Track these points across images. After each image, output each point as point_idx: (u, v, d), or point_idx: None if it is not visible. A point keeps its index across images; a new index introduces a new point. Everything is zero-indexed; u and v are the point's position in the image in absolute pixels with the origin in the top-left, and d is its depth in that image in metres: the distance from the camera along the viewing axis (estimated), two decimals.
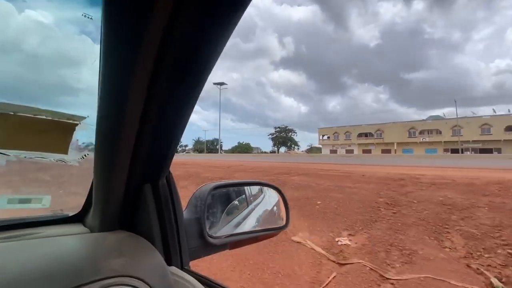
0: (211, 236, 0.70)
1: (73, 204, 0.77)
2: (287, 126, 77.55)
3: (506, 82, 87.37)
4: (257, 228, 0.82)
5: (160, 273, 0.51)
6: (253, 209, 0.86)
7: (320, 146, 62.43)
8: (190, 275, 0.58)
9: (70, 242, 0.56)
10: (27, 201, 0.72)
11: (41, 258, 0.46)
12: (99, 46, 0.40)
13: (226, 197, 0.81)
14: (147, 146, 0.53)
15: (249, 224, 0.82)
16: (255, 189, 0.91)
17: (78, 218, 0.70)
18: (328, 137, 60.06)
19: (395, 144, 48.86)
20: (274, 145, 76.29)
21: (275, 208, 0.88)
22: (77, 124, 0.52)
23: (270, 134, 76.79)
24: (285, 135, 76.08)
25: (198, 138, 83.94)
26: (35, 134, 0.50)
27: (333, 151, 55.88)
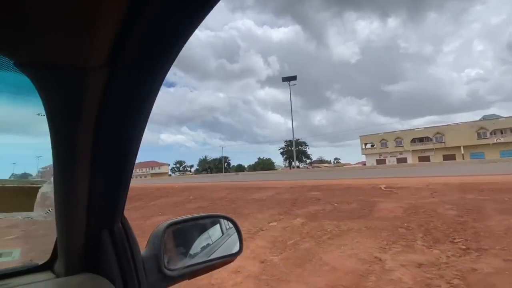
0: (169, 269, 0.79)
1: (42, 254, 0.85)
2: (298, 139, 72.01)
3: (478, 89, 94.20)
4: (213, 257, 0.92)
5: None
6: (209, 240, 0.96)
7: (363, 155, 54.97)
8: None
9: None
10: None
11: None
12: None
13: (184, 232, 0.92)
14: (100, 197, 0.65)
15: (205, 254, 0.92)
16: (210, 221, 1.02)
17: (47, 266, 0.78)
18: (373, 145, 53.56)
19: (461, 148, 41.70)
20: (285, 159, 71.95)
21: (229, 236, 0.99)
22: (39, 187, 0.63)
23: (281, 148, 72.60)
24: (297, 148, 70.25)
25: (205, 157, 79.22)
26: (3, 199, 0.61)
27: (381, 161, 49.06)
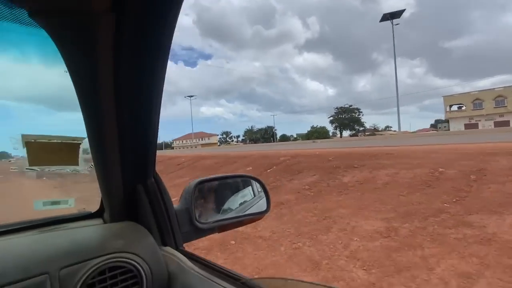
0: (200, 222, 0.85)
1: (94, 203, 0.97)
2: (351, 105, 65.40)
3: None
4: (242, 213, 0.96)
5: (151, 249, 0.67)
6: (238, 198, 1.00)
7: (446, 119, 46.37)
8: (181, 254, 0.75)
9: (86, 231, 0.75)
10: (57, 203, 0.92)
11: (64, 242, 0.64)
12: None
13: (214, 189, 0.96)
14: (130, 155, 0.70)
15: (235, 211, 0.96)
16: (239, 180, 1.05)
17: (97, 214, 0.89)
18: (461, 107, 44.40)
19: None
20: (335, 128, 66.30)
21: (257, 195, 1.02)
22: (80, 143, 0.69)
23: (331, 116, 66.25)
24: (349, 116, 64.66)
25: (251, 127, 77.80)
26: (51, 154, 0.68)
27: (471, 126, 39.96)
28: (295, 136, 73.55)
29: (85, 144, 0.70)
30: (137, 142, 0.70)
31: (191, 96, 59.80)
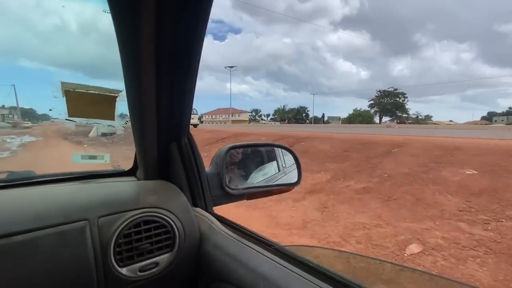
0: (229, 188, 0.84)
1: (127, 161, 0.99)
2: (396, 89, 59.46)
3: None
4: (272, 183, 0.93)
5: (183, 208, 0.67)
6: (269, 167, 0.97)
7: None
8: (211, 215, 0.74)
9: (121, 186, 0.76)
10: (94, 157, 0.95)
11: (102, 194, 0.65)
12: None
13: (246, 156, 0.94)
14: (167, 114, 0.68)
15: (265, 180, 0.94)
16: (270, 149, 1.01)
17: (131, 172, 0.91)
18: None
19: None
20: (375, 113, 61.44)
21: (288, 166, 0.98)
22: (116, 96, 0.68)
23: (371, 99, 61.35)
24: (392, 100, 59.31)
25: (283, 107, 74.50)
26: (89, 106, 0.67)
27: None
28: (326, 118, 69.77)
29: (121, 98, 0.69)
30: (174, 101, 0.68)
31: (232, 66, 56.43)
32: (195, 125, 21.26)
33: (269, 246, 0.57)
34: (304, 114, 68.89)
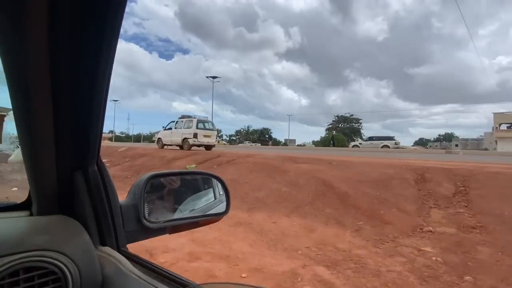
0: (148, 221, 0.75)
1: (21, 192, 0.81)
2: (352, 115, 61.47)
3: (509, 79, 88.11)
4: (198, 214, 0.88)
5: (83, 248, 0.56)
6: (195, 197, 0.92)
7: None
8: (123, 255, 0.64)
9: (3, 223, 0.61)
10: None
11: None
12: None
13: (168, 186, 0.87)
14: (69, 136, 0.58)
15: (190, 211, 0.88)
16: (198, 178, 0.97)
17: (24, 206, 0.74)
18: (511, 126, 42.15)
19: None
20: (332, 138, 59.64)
21: (216, 195, 0.95)
22: (4, 115, 0.56)
23: (329, 124, 62.07)
24: (349, 125, 60.67)
25: (248, 128, 70.09)
26: None
27: None
28: (283, 141, 68.58)
29: (10, 118, 0.57)
30: (78, 121, 0.57)
31: (214, 77, 44.93)
32: (209, 147, 14.83)
33: (183, 286, 0.51)
34: (267, 136, 68.66)
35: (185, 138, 14.58)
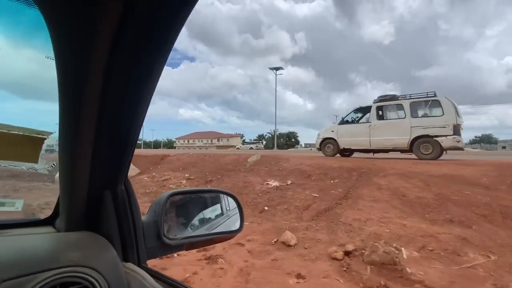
0: (167, 238, 0.79)
1: (46, 208, 0.85)
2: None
3: None
4: (213, 231, 0.91)
5: (112, 265, 0.60)
6: (210, 215, 0.95)
7: None
8: (145, 271, 0.68)
9: (35, 239, 0.65)
10: (1, 204, 0.80)
11: (8, 250, 0.55)
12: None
13: (186, 203, 0.91)
14: (104, 156, 0.63)
15: (205, 228, 0.91)
16: (213, 196, 1.01)
17: (49, 221, 0.79)
18: None
19: None
20: None
21: (230, 213, 0.98)
22: (45, 138, 0.62)
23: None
24: None
25: (273, 131, 63.98)
26: (8, 146, 0.60)
27: None
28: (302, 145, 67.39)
29: (49, 141, 0.63)
30: (115, 144, 0.62)
31: (277, 68, 41.36)
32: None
33: None
34: (293, 140, 66.76)
35: (425, 137, 7.82)
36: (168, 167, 10.58)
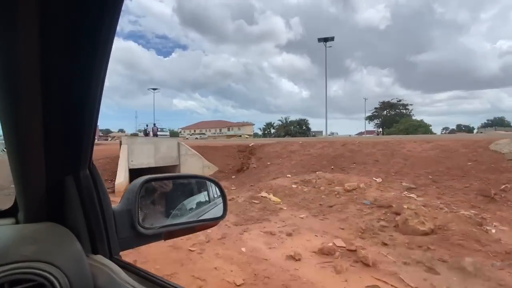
0: (143, 227, 0.72)
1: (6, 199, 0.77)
2: (399, 100, 55.43)
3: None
4: (194, 219, 0.86)
5: (75, 258, 0.53)
6: (191, 201, 0.89)
7: None
8: (116, 264, 0.61)
9: None
10: None
11: None
12: None
13: (164, 190, 0.84)
14: (59, 140, 0.55)
15: (189, 216, 0.85)
16: (193, 181, 0.94)
17: (9, 213, 0.71)
18: None
19: None
20: (375, 126, 56.54)
21: (212, 199, 0.93)
22: None
23: (373, 112, 56.26)
24: (395, 112, 54.83)
25: (285, 119, 62.09)
26: None
27: None
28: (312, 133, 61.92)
29: None
30: (70, 124, 0.54)
31: (326, 39, 38.22)
32: None
33: None
34: (304, 127, 61.12)
35: None
36: (290, 164, 7.93)
